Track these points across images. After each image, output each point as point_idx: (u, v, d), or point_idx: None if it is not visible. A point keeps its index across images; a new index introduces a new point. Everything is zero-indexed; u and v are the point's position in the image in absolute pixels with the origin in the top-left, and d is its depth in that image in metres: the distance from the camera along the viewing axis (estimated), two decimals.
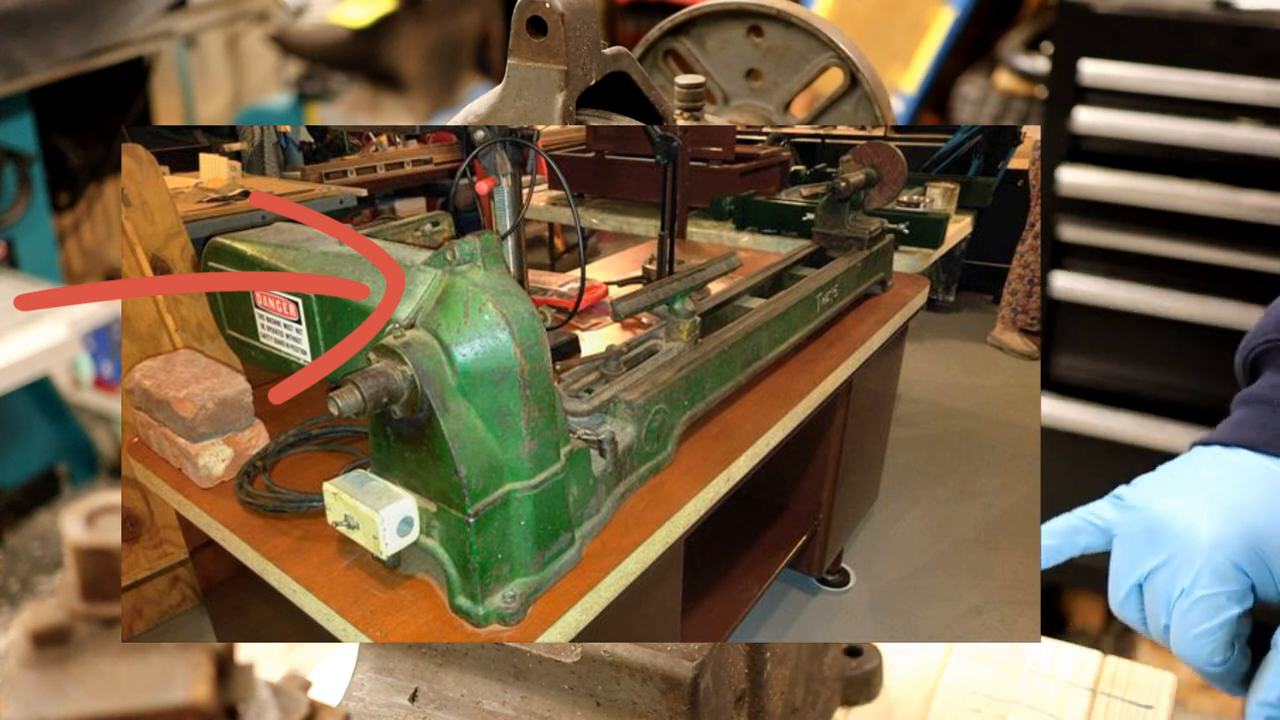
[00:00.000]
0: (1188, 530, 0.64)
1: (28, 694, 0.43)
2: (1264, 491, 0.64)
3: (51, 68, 1.67)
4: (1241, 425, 0.69)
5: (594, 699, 0.81)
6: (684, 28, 1.19)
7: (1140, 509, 0.67)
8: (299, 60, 2.67)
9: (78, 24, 1.68)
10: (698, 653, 0.77)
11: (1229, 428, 0.70)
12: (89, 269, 2.10)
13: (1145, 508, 0.67)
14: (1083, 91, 1.56)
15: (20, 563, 1.88)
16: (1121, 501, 0.70)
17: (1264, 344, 0.71)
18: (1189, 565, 0.63)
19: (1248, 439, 0.68)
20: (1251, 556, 0.63)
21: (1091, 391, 1.65)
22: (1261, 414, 0.68)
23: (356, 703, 0.86)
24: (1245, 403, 0.71)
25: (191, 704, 0.43)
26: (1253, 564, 0.63)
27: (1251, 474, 0.66)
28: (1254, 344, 0.72)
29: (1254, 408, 0.69)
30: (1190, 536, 0.64)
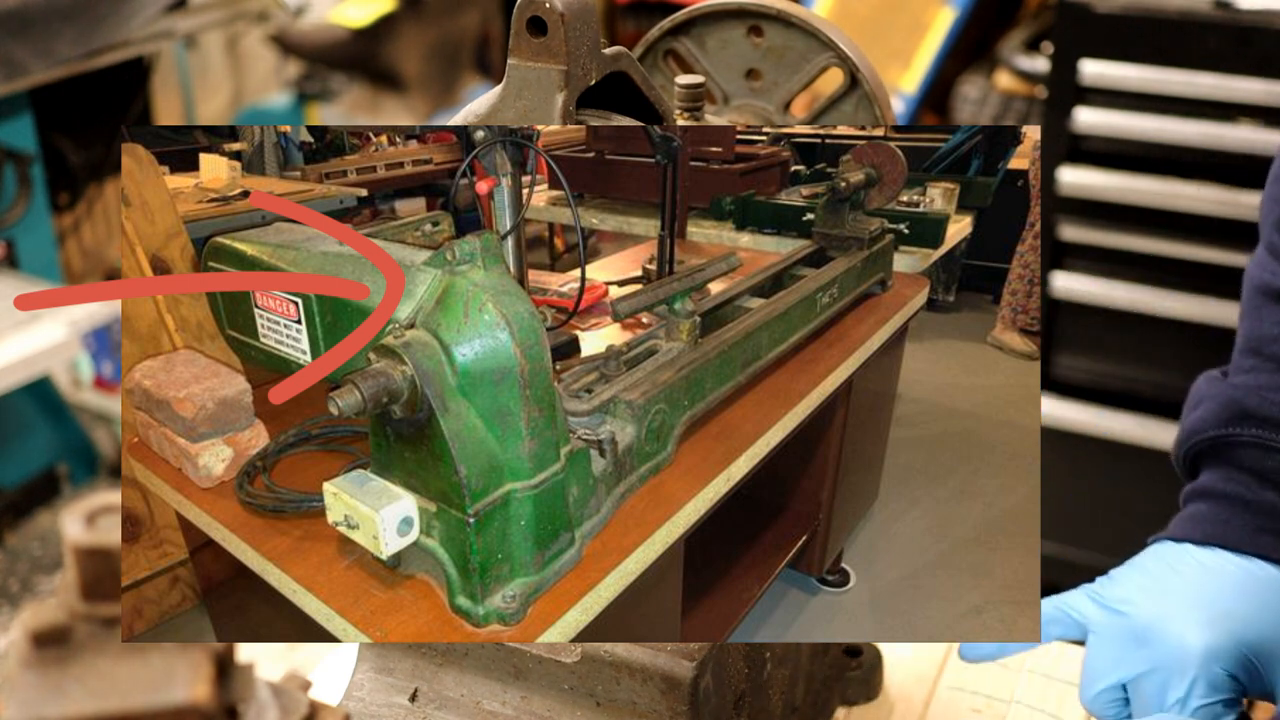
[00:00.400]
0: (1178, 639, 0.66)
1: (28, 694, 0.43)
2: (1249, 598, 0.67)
3: (51, 68, 1.67)
4: (1208, 522, 0.71)
5: (594, 699, 0.81)
6: (684, 28, 1.19)
7: (1122, 612, 0.69)
8: (299, 60, 2.67)
9: (78, 24, 1.68)
10: (698, 653, 0.78)
11: (1194, 525, 0.72)
12: (89, 269, 2.10)
13: (1127, 610, 0.69)
14: (1083, 91, 1.56)
15: (20, 563, 1.88)
16: (1100, 598, 0.71)
17: (1206, 440, 0.73)
18: (1183, 675, 0.65)
19: (1218, 536, 0.70)
20: (1245, 664, 0.65)
21: (1091, 391, 1.65)
22: (1222, 510, 0.70)
23: (356, 703, 0.86)
24: (1201, 497, 0.72)
25: (191, 704, 0.43)
26: (1246, 671, 0.65)
27: (1232, 577, 0.68)
28: (1192, 441, 0.74)
29: (1213, 504, 0.71)
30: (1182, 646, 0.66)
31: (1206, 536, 0.70)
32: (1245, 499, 0.70)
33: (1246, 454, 0.71)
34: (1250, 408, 0.71)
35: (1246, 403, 0.71)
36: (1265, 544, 0.68)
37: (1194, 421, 0.74)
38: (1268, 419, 0.70)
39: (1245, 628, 0.65)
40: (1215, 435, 0.72)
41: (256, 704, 0.51)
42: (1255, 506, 0.70)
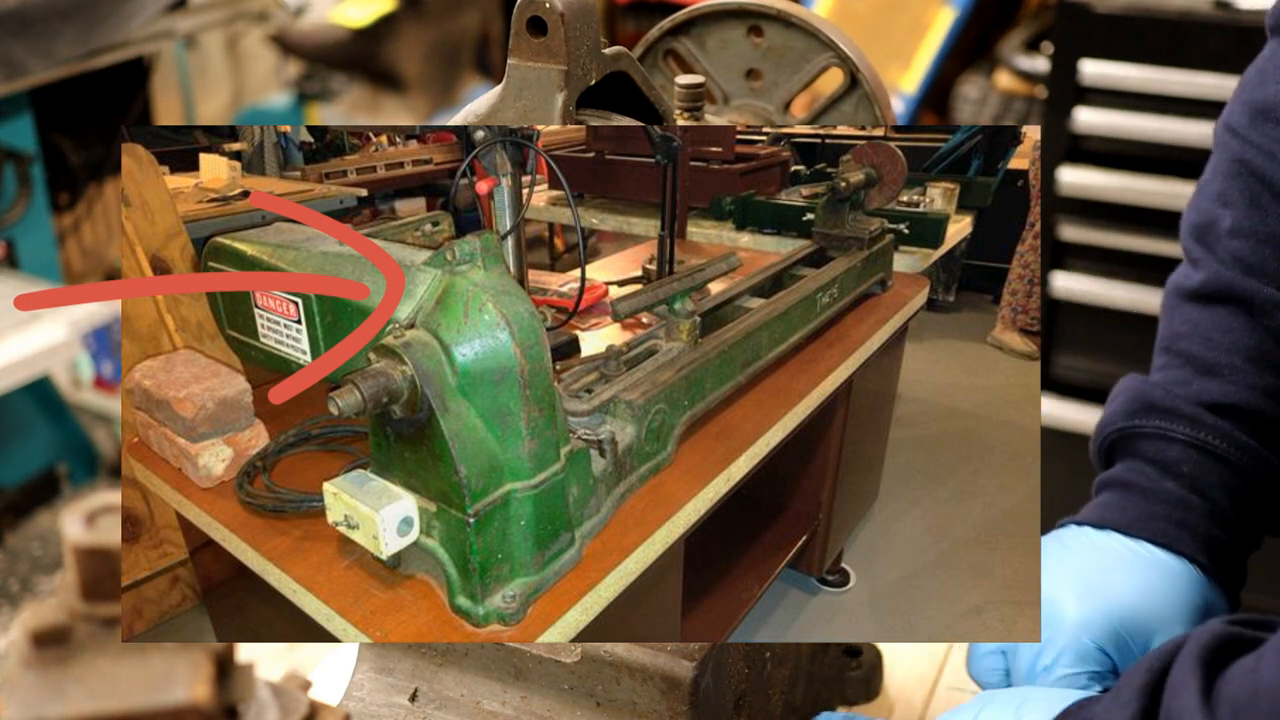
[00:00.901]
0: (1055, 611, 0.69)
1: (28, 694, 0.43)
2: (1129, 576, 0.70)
3: (51, 68, 1.67)
4: (1106, 508, 0.74)
5: (594, 699, 0.81)
6: (684, 28, 1.19)
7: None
8: (299, 60, 2.67)
9: (78, 24, 1.68)
10: (698, 653, 0.78)
11: (1095, 511, 0.75)
12: (89, 269, 2.10)
13: None
14: (1083, 91, 1.56)
15: (20, 563, 1.88)
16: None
17: (1115, 432, 0.76)
18: (1053, 645, 0.68)
19: (1112, 520, 0.73)
20: (1114, 638, 0.68)
21: (1091, 391, 1.65)
22: (1122, 498, 0.74)
23: (356, 703, 0.87)
24: (1107, 487, 0.76)
25: (191, 704, 0.43)
26: (1115, 645, 0.68)
27: (1117, 556, 0.71)
28: (1106, 432, 0.77)
29: (1116, 492, 0.74)
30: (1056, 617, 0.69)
31: (1102, 521, 0.73)
32: (1144, 487, 0.73)
33: (1150, 445, 0.74)
34: (1155, 400, 0.74)
35: (1152, 396, 0.74)
36: (1156, 529, 0.71)
37: (1106, 415, 0.77)
38: (1170, 410, 0.73)
39: (1119, 604, 0.68)
40: (1122, 427, 0.75)
41: (256, 704, 0.51)
42: (1153, 495, 0.73)
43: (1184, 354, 0.75)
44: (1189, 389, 0.74)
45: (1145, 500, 0.72)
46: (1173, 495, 0.72)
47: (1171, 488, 0.72)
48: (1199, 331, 0.75)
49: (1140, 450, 0.74)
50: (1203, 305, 0.76)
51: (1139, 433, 0.74)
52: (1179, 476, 0.72)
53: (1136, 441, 0.75)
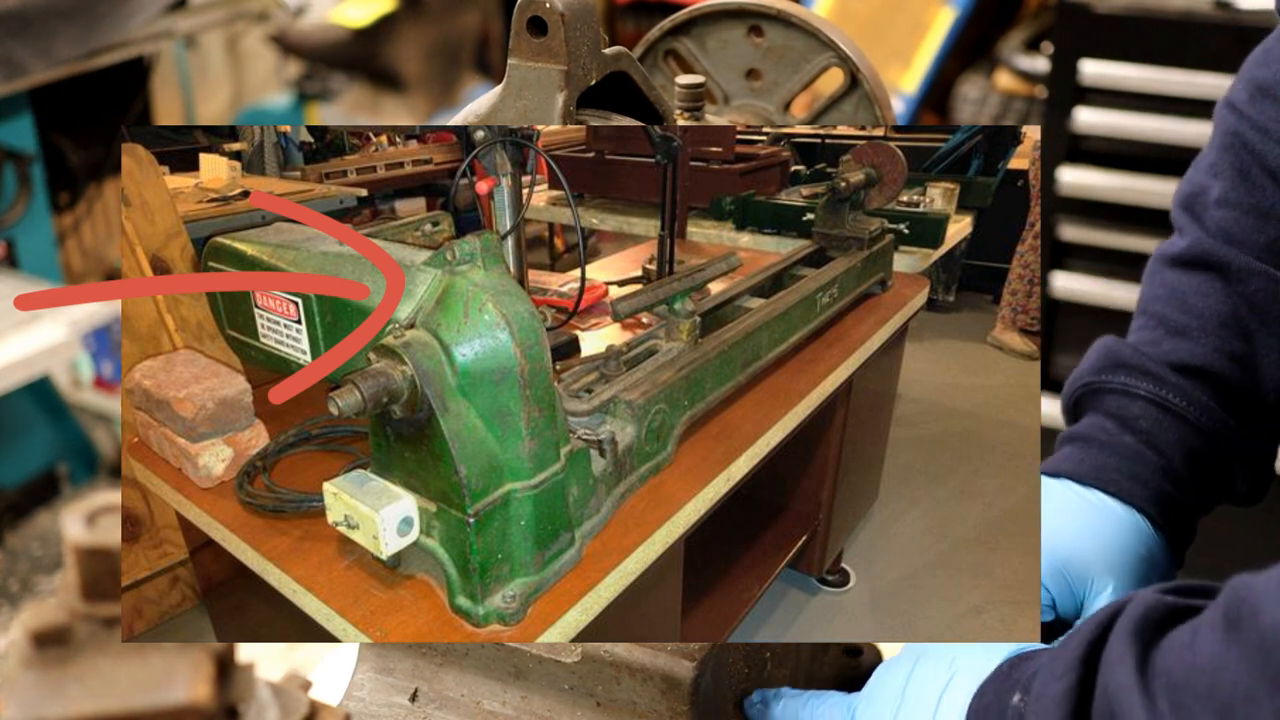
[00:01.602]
0: None
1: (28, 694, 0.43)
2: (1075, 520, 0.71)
3: (51, 68, 1.67)
4: (1065, 459, 0.76)
5: (594, 699, 0.81)
6: (684, 28, 1.19)
7: None
8: (299, 60, 2.67)
9: (77, 24, 1.68)
10: (698, 653, 0.78)
11: (1053, 461, 0.77)
12: (89, 269, 2.10)
13: None
14: (1083, 91, 1.56)
15: (20, 563, 1.88)
16: None
17: (1082, 387, 0.78)
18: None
19: (1067, 471, 0.75)
20: (1056, 578, 0.70)
21: None
22: (1081, 451, 0.75)
23: (356, 703, 0.87)
24: (1070, 440, 0.77)
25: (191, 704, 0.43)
26: (1056, 584, 0.70)
27: (1066, 501, 0.73)
28: (1073, 387, 0.79)
29: (1078, 446, 0.76)
30: None
31: (1058, 471, 0.75)
32: (1103, 441, 0.74)
33: (1113, 400, 0.75)
34: (1124, 358, 0.76)
35: (1121, 354, 0.76)
36: (1108, 479, 0.73)
37: (1076, 371, 0.79)
38: (1136, 368, 0.75)
39: (1063, 545, 0.70)
40: (1089, 382, 0.77)
41: (256, 704, 0.51)
42: (1110, 448, 0.74)
43: (1157, 316, 0.77)
44: (1158, 349, 0.75)
45: (1101, 453, 0.74)
46: (1129, 449, 0.73)
47: (1129, 441, 0.73)
48: (1175, 295, 0.76)
49: (1104, 405, 0.76)
50: (1183, 270, 0.77)
51: (1104, 388, 0.76)
52: (1137, 432, 0.73)
53: (1101, 397, 0.76)
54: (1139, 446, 0.73)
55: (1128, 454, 0.73)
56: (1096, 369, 0.77)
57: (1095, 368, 0.77)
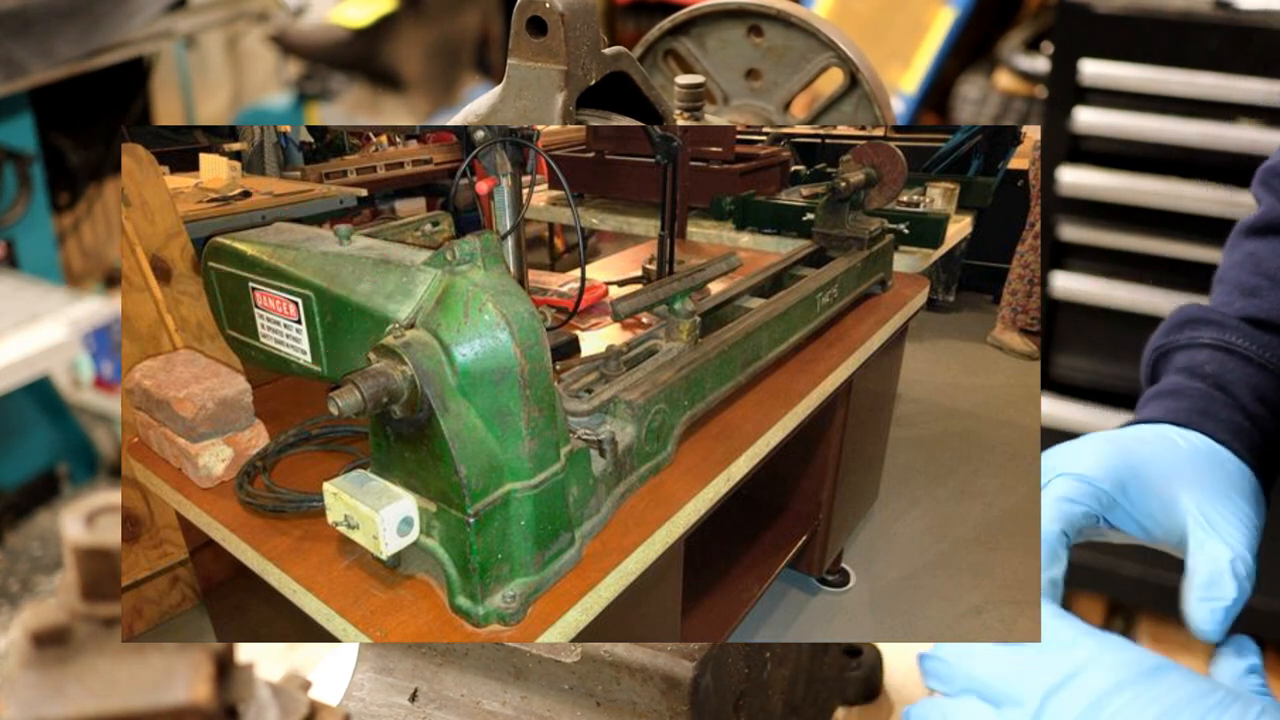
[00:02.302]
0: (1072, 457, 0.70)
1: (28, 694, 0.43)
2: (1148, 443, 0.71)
3: (51, 68, 1.67)
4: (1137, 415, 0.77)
5: (594, 699, 0.81)
6: (684, 28, 1.19)
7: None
8: (299, 60, 2.67)
9: (78, 24, 1.68)
10: (698, 653, 0.78)
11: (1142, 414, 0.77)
12: (89, 269, 2.10)
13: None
14: (1083, 91, 1.56)
15: (20, 563, 1.88)
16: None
17: (1154, 352, 0.79)
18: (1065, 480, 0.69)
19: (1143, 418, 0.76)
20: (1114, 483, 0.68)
21: (1091, 391, 1.65)
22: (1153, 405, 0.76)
23: (356, 703, 0.87)
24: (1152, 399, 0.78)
25: (191, 704, 0.43)
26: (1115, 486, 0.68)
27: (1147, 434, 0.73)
28: (1149, 355, 0.80)
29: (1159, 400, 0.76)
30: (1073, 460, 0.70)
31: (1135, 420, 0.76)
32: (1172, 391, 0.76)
33: (1181, 356, 0.77)
34: (1192, 316, 0.77)
35: (1190, 314, 0.78)
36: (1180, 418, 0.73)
37: (1151, 340, 0.80)
38: (1201, 320, 0.77)
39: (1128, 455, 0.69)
40: (1158, 345, 0.79)
41: (256, 704, 0.51)
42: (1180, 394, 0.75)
43: (1232, 281, 0.79)
44: (1230, 308, 0.77)
45: (1172, 399, 0.75)
46: (1197, 392, 0.74)
47: (1198, 386, 0.74)
48: (1249, 260, 0.78)
49: (1174, 363, 0.77)
50: (1258, 237, 0.79)
51: (1173, 347, 0.77)
52: (1204, 376, 0.74)
53: (1171, 356, 0.78)
54: (1206, 389, 0.74)
55: (1196, 395, 0.74)
56: (1166, 331, 0.78)
57: (1165, 330, 0.79)
